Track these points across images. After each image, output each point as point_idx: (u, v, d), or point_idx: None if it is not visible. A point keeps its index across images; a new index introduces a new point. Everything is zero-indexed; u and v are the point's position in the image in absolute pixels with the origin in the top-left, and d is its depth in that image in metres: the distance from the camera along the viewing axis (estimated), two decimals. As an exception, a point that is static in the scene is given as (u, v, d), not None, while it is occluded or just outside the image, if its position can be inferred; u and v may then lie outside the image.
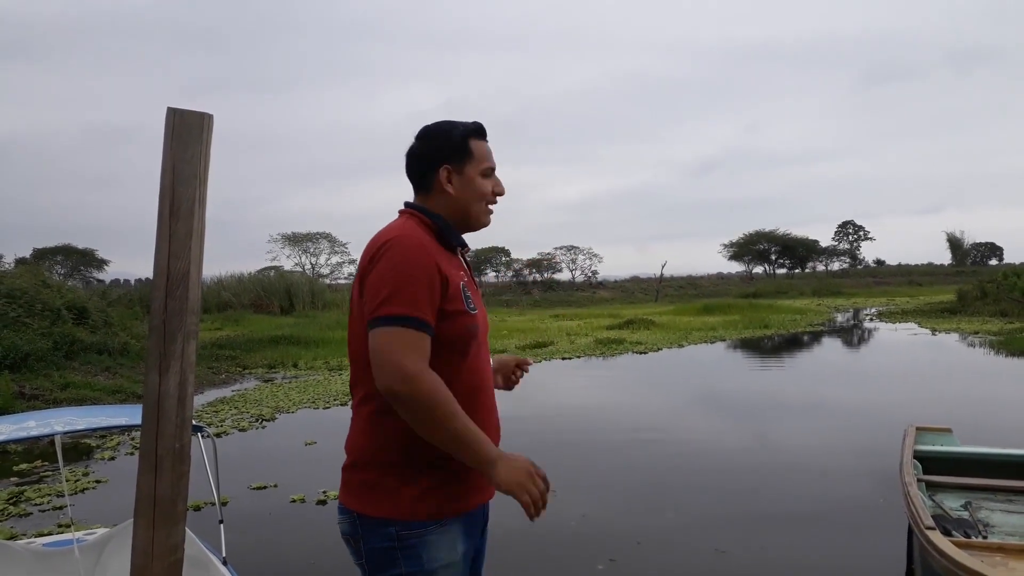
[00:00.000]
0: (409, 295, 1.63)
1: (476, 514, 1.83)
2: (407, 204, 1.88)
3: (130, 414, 3.75)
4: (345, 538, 1.77)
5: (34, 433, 3.20)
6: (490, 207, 1.90)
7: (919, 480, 4.21)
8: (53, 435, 3.21)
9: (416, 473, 1.71)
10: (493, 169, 1.89)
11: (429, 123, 1.89)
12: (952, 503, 4.09)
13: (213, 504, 3.67)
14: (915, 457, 4.57)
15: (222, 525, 3.53)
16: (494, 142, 1.94)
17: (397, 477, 1.71)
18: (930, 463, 4.62)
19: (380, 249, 1.69)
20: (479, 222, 1.89)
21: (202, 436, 3.69)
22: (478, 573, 1.93)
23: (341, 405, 10.06)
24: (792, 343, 18.53)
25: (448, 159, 1.82)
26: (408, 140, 1.91)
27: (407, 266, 1.65)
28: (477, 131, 1.86)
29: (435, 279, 1.67)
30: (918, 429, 5.09)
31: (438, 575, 1.71)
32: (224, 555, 3.37)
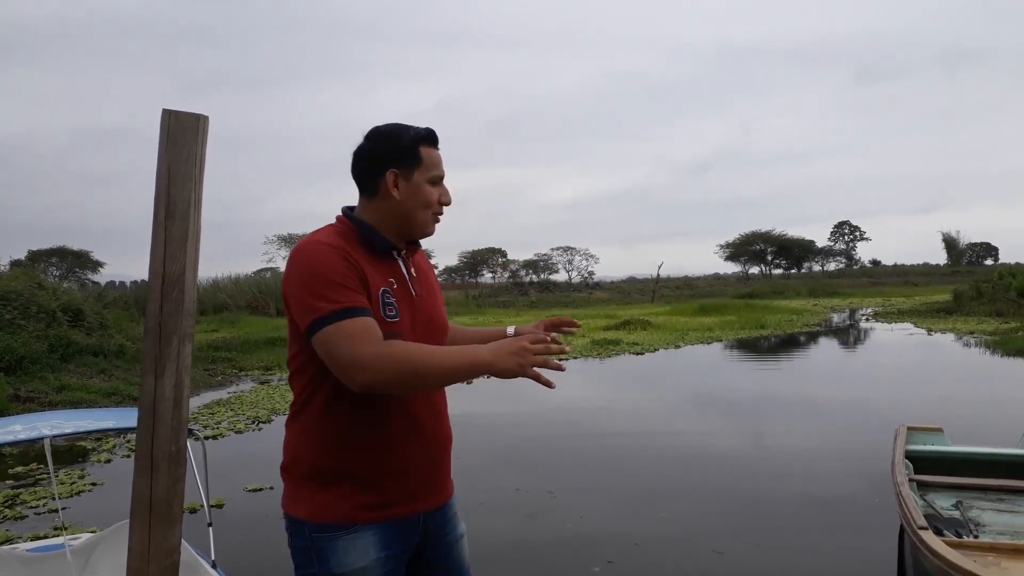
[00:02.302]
0: (327, 291, 1.63)
1: (401, 524, 1.81)
2: (343, 210, 1.86)
3: (118, 417, 3.75)
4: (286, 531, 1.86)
5: (21, 437, 3.19)
6: (436, 216, 1.86)
7: (910, 480, 4.22)
8: (41, 439, 3.19)
9: (329, 479, 1.76)
10: (441, 177, 1.84)
11: (379, 124, 1.85)
12: (943, 502, 4.10)
13: (207, 507, 3.66)
14: (906, 457, 4.59)
15: (211, 528, 3.53)
16: (489, 142, 1.94)
17: (312, 481, 1.78)
18: (921, 463, 4.63)
19: (290, 257, 1.73)
20: (423, 230, 1.85)
21: (192, 439, 3.69)
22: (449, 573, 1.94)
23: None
24: (788, 343, 18.56)
25: (396, 163, 1.79)
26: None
27: (314, 266, 1.66)
28: (428, 137, 1.83)
29: (349, 272, 1.67)
30: (909, 429, 5.10)
31: None
32: (213, 558, 3.37)
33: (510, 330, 2.06)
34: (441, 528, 1.91)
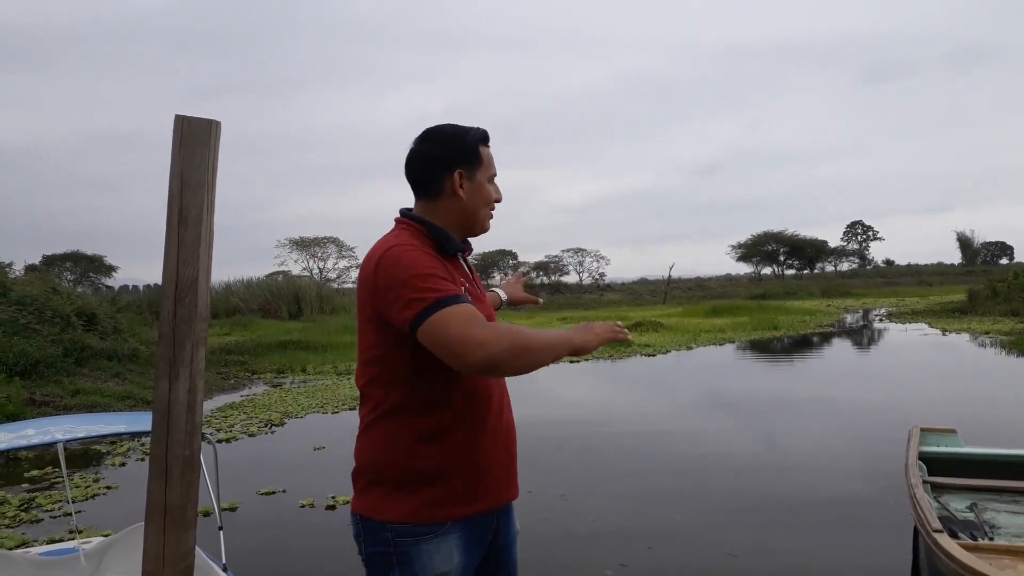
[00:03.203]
0: (427, 283, 1.63)
1: (480, 521, 1.81)
2: (403, 213, 1.87)
3: (130, 421, 3.76)
4: (355, 539, 1.82)
5: (34, 441, 3.20)
6: (492, 213, 1.92)
7: (924, 481, 4.19)
8: (54, 443, 3.21)
9: (414, 481, 1.73)
10: (495, 175, 1.91)
11: (433, 126, 1.87)
12: (957, 504, 4.07)
13: (222, 510, 3.68)
14: (920, 458, 4.56)
15: (222, 532, 3.54)
16: (498, 144, 1.95)
17: (396, 483, 1.73)
18: (935, 464, 4.60)
19: (380, 261, 1.69)
20: (483, 228, 1.90)
21: (203, 442, 3.71)
22: (506, 570, 1.96)
23: (350, 410, 10.08)
24: (802, 344, 18.46)
25: (461, 163, 1.81)
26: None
27: (409, 265, 1.65)
28: (486, 137, 1.88)
29: (442, 268, 1.70)
30: (923, 430, 5.07)
31: None
32: (224, 562, 3.38)
33: (503, 294, 2.37)
34: (506, 525, 1.93)
